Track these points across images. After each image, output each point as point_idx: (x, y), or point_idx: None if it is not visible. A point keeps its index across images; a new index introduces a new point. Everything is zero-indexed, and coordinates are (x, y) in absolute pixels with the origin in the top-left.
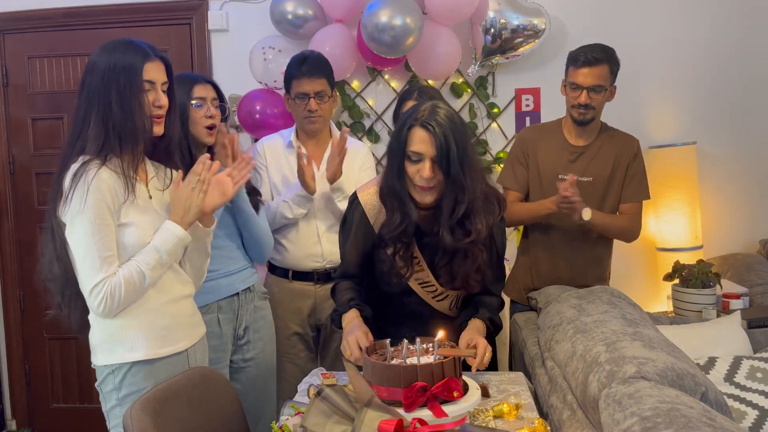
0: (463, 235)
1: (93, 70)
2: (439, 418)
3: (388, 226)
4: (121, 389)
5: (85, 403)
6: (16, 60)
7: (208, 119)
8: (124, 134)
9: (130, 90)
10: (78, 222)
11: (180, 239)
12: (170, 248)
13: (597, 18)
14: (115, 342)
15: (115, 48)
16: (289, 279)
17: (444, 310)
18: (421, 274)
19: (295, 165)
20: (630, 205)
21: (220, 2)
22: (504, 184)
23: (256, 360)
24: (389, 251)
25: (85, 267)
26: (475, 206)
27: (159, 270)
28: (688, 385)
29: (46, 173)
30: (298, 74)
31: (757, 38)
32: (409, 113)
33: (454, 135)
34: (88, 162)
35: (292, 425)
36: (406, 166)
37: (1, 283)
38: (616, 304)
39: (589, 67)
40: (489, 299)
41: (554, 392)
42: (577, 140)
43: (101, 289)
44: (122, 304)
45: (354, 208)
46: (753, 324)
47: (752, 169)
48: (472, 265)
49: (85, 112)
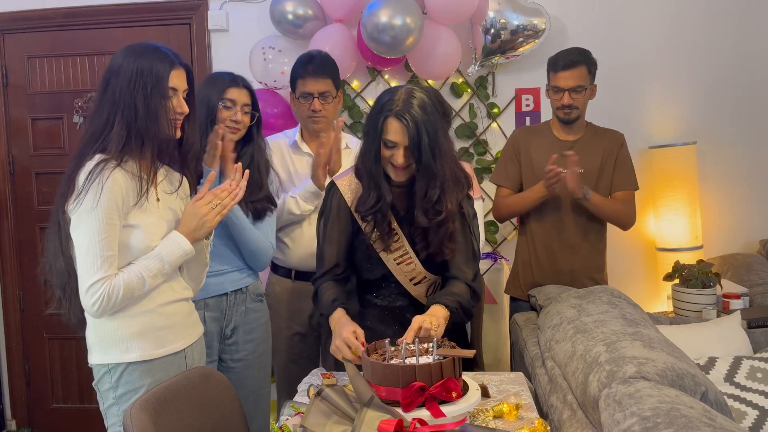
0: (435, 214)
1: (119, 72)
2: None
3: (365, 204)
4: (118, 388)
5: (84, 403)
6: (16, 60)
7: (232, 123)
8: (147, 138)
9: (156, 96)
10: (87, 219)
11: (186, 253)
12: (174, 260)
13: (597, 18)
14: (111, 342)
15: (143, 53)
16: (291, 279)
17: (420, 297)
18: (399, 246)
19: (299, 164)
20: (622, 192)
21: (220, 2)
22: (497, 182)
23: (246, 361)
24: (368, 227)
25: (85, 264)
26: (445, 188)
27: (159, 278)
28: (688, 385)
29: (46, 173)
30: (304, 74)
31: (757, 38)
32: (386, 100)
33: (426, 126)
34: (104, 161)
35: (292, 425)
36: (382, 150)
37: (1, 283)
38: (616, 304)
39: (568, 69)
40: (458, 287)
41: (554, 392)
42: (567, 136)
43: (98, 289)
44: (116, 307)
45: (332, 194)
46: (753, 324)
47: (752, 169)
48: (445, 233)
49: (109, 113)
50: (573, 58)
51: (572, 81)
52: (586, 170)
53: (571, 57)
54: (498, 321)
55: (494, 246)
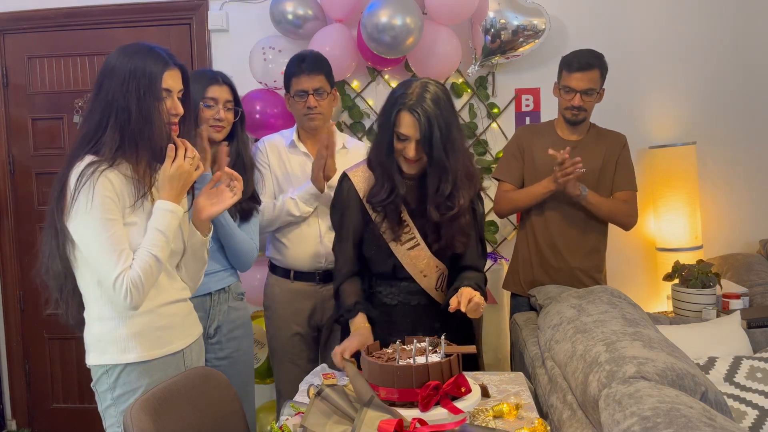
0: (447, 209)
1: (112, 73)
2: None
3: (378, 196)
4: (116, 389)
5: (85, 403)
6: (16, 60)
7: (216, 121)
8: (141, 141)
9: (149, 97)
10: (86, 221)
11: (173, 211)
12: (168, 225)
13: (597, 18)
14: (108, 342)
15: (136, 53)
16: (290, 279)
17: (430, 290)
18: (410, 237)
19: (296, 164)
20: (623, 192)
21: (220, 2)
22: (499, 177)
23: (231, 359)
24: (378, 218)
25: (101, 263)
26: (458, 183)
27: (167, 249)
28: (688, 385)
29: (46, 173)
30: (297, 72)
31: (757, 39)
32: (400, 93)
33: (438, 120)
34: (95, 163)
35: (292, 425)
36: (395, 143)
37: (1, 283)
38: (616, 304)
39: (582, 71)
40: (473, 273)
41: (554, 392)
42: (570, 136)
43: (122, 283)
44: (146, 292)
45: (344, 185)
46: (753, 324)
47: (752, 169)
48: (457, 227)
49: (101, 116)
50: (589, 61)
51: (585, 83)
52: (588, 170)
53: (587, 59)
54: (498, 321)
55: (494, 246)
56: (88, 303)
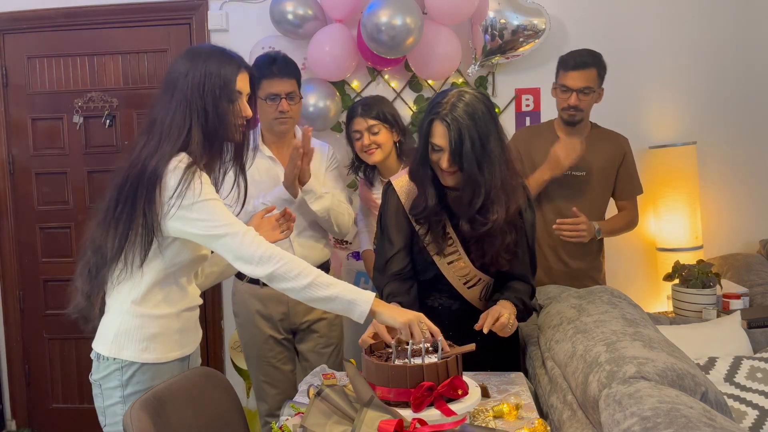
0: (481, 225)
1: (186, 75)
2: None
3: (416, 207)
4: (128, 387)
5: (85, 403)
6: (16, 60)
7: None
8: (217, 141)
9: (224, 99)
10: (201, 207)
11: None
12: None
13: (597, 18)
14: (131, 339)
15: (210, 56)
16: (259, 285)
17: (474, 300)
18: (453, 250)
19: (263, 169)
20: (626, 202)
21: (220, 2)
22: None
23: None
24: (422, 230)
25: (231, 236)
26: (492, 197)
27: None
28: (688, 385)
29: (46, 173)
30: (269, 74)
31: (757, 38)
32: (435, 102)
33: (470, 132)
34: (193, 165)
35: (292, 425)
36: (430, 153)
37: (1, 283)
38: (617, 304)
39: (578, 70)
40: (519, 285)
41: (554, 392)
42: (570, 137)
43: (254, 235)
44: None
45: (390, 194)
46: (753, 324)
47: (752, 169)
48: (501, 245)
49: (183, 117)
50: (585, 59)
51: (581, 82)
52: (588, 172)
53: (583, 58)
54: None
55: None
56: (122, 295)
